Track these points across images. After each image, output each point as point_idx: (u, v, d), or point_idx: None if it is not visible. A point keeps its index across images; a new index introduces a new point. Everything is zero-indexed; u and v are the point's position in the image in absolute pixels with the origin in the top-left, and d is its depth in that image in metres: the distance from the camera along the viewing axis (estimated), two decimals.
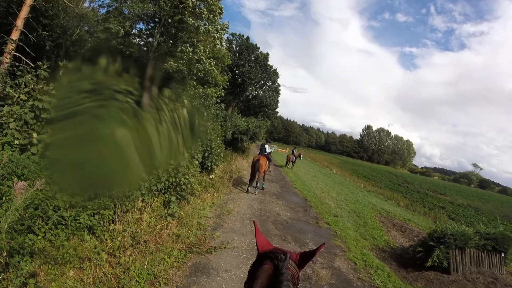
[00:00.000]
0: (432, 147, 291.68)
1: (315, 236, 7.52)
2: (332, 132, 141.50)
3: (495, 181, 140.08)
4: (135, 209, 5.20)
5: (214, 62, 16.65)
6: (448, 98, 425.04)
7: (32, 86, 5.45)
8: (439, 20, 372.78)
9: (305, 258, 1.31)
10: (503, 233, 7.48)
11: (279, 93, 43.17)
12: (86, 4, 16.30)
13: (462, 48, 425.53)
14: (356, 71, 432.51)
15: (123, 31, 13.02)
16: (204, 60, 15.41)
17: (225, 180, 11.09)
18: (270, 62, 39.97)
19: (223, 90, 20.91)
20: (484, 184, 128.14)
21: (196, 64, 15.32)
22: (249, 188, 10.72)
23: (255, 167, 10.60)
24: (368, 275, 5.89)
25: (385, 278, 5.88)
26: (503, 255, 7.31)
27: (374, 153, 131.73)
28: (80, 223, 4.00)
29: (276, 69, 41.06)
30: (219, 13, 14.61)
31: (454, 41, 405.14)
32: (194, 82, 16.53)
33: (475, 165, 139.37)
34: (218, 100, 19.27)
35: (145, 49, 14.78)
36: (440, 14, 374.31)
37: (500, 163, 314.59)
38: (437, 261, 6.43)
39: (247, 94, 39.55)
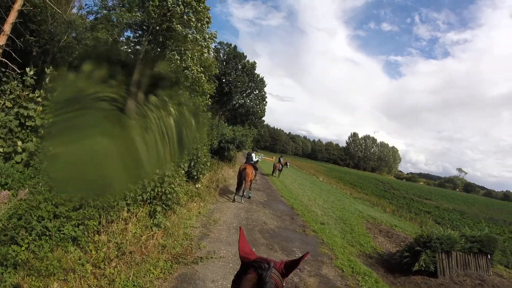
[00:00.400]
0: (418, 153, 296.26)
1: (302, 244, 7.54)
2: (319, 140, 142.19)
3: (480, 185, 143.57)
4: (120, 220, 5.13)
5: (201, 69, 16.64)
6: (433, 105, 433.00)
7: (18, 93, 5.38)
8: (424, 29, 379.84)
9: (289, 267, 1.32)
10: (488, 235, 7.66)
11: (266, 102, 43.37)
12: (74, 11, 16.17)
13: (446, 56, 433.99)
14: (342, 80, 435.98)
15: (111, 39, 12.94)
16: (192, 68, 15.39)
17: (212, 189, 11.02)
18: (257, 71, 40.15)
19: (210, 99, 20.87)
20: (469, 188, 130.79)
21: (185, 71, 15.28)
22: (235, 197, 10.69)
23: (241, 176, 10.61)
24: (356, 281, 5.94)
25: (372, 284, 5.94)
26: (489, 257, 7.46)
27: (360, 160, 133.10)
28: (64, 234, 3.92)
29: (263, 77, 41.23)
30: (207, 22, 14.68)
31: (438, 49, 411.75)
32: (181, 91, 16.46)
33: (460, 170, 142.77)
34: (205, 109, 19.21)
35: (132, 56, 14.68)
36: (425, 23, 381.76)
37: (485, 167, 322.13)
38: (423, 265, 6.55)
39: (234, 102, 39.47)
